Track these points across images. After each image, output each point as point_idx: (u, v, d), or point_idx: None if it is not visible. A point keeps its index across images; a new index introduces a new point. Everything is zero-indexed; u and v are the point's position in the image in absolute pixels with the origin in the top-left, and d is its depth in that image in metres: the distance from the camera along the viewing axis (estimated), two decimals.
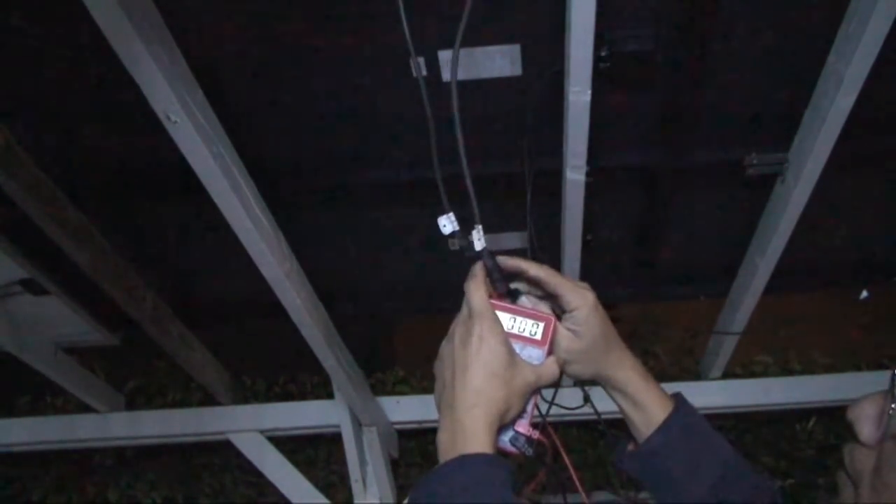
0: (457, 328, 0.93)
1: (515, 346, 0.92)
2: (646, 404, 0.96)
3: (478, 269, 0.95)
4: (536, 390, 0.93)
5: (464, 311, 0.94)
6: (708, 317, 2.56)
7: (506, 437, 0.92)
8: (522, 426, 0.92)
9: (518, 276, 0.98)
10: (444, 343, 0.94)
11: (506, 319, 0.94)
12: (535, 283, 0.98)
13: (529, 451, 0.93)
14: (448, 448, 0.85)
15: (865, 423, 0.76)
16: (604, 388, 1.00)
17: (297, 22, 1.56)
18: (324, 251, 2.19)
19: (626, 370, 0.98)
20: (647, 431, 0.96)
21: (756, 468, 0.99)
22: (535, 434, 0.93)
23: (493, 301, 0.94)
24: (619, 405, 0.99)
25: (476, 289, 0.93)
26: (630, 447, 1.00)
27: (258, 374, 3.10)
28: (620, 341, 0.98)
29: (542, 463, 0.97)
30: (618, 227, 2.15)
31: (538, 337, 0.94)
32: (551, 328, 0.94)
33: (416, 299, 2.49)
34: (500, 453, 0.92)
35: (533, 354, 0.93)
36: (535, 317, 0.95)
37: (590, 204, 1.84)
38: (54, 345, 2.55)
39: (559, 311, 0.98)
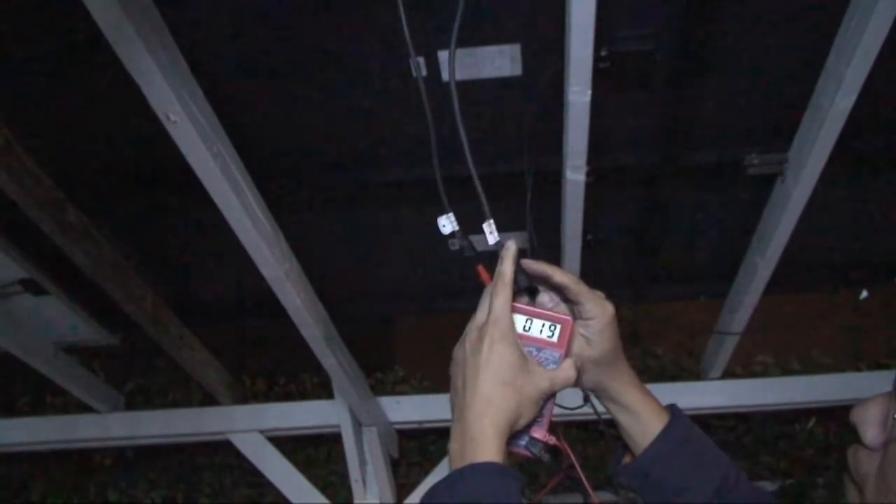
0: (470, 332, 0.91)
1: (531, 349, 0.91)
2: (643, 415, 0.96)
3: (507, 267, 0.91)
4: (551, 395, 0.91)
5: (478, 314, 0.92)
6: (708, 317, 2.57)
7: (521, 442, 0.90)
8: (539, 431, 0.90)
9: (542, 280, 0.97)
10: (457, 346, 0.93)
11: (521, 321, 0.92)
12: (557, 288, 0.97)
13: (546, 457, 0.91)
14: (458, 457, 0.84)
15: (870, 426, 0.75)
16: (599, 399, 0.99)
17: (297, 22, 1.56)
18: (324, 251, 2.19)
19: (625, 382, 0.97)
20: (644, 442, 0.95)
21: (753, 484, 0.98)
22: (552, 439, 0.91)
23: (512, 303, 0.92)
24: (615, 417, 0.98)
25: (502, 290, 0.90)
26: (626, 459, 0.99)
27: (258, 374, 3.10)
28: (624, 355, 0.98)
29: (556, 467, 0.96)
30: (618, 227, 2.15)
31: (555, 339, 0.92)
32: (568, 330, 0.92)
33: (415, 299, 2.49)
34: (515, 457, 0.91)
35: (549, 357, 0.91)
36: (552, 318, 0.93)
37: (590, 204, 1.84)
38: (54, 345, 2.55)
39: (576, 316, 0.97)
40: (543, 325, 0.93)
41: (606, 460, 3.04)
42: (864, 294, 2.66)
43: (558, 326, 0.92)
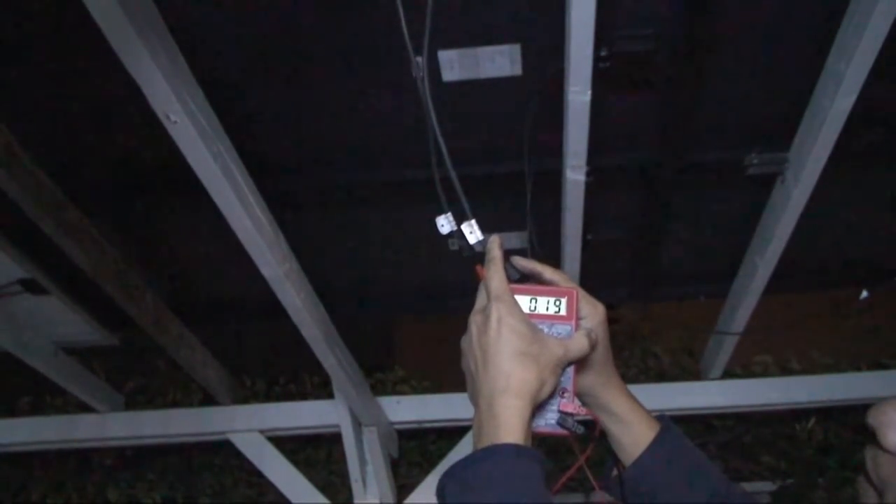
0: (473, 318, 0.90)
1: (542, 327, 0.89)
2: (634, 424, 0.95)
3: (496, 252, 0.92)
4: (568, 365, 0.89)
5: (479, 300, 0.91)
6: (708, 317, 2.57)
7: (552, 420, 0.88)
8: (567, 405, 0.88)
9: (533, 277, 0.97)
10: (463, 338, 0.91)
11: (526, 301, 0.91)
12: (548, 285, 0.97)
13: (581, 430, 0.89)
14: (478, 437, 0.83)
15: (890, 430, 0.73)
16: (589, 408, 0.97)
17: (298, 22, 1.56)
18: (324, 251, 2.19)
19: (615, 389, 0.96)
20: (635, 452, 0.94)
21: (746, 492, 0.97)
22: (584, 410, 0.89)
23: (511, 285, 0.91)
24: (606, 427, 0.97)
25: (496, 272, 0.90)
26: (614, 473, 0.98)
27: (258, 374, 3.10)
28: (614, 364, 0.97)
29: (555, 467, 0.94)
30: (618, 227, 2.15)
31: (563, 313, 0.91)
32: (574, 301, 0.91)
33: (415, 299, 2.49)
34: (548, 437, 0.89)
35: (561, 331, 0.90)
36: (555, 293, 0.92)
37: (590, 204, 1.84)
38: (54, 345, 2.55)
39: None
40: (549, 301, 0.92)
41: (605, 460, 3.04)
42: (864, 294, 2.65)
43: (563, 299, 0.92)
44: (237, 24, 1.56)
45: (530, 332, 0.87)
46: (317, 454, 3.19)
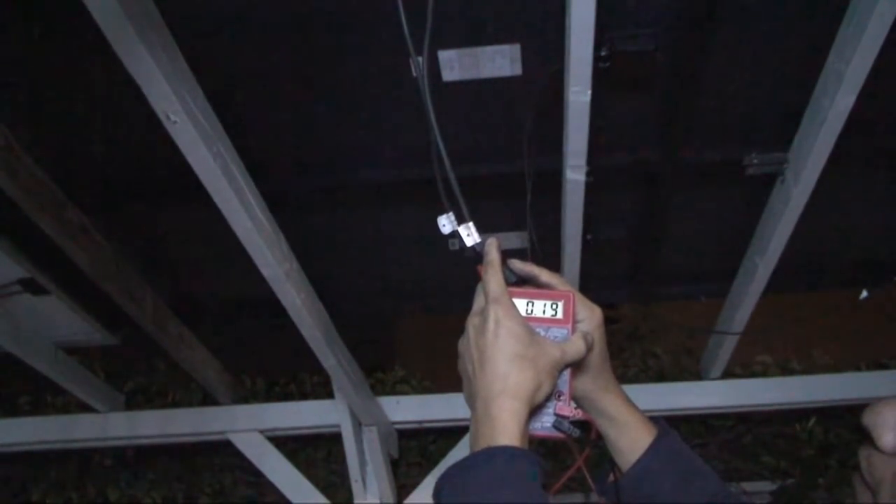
0: (471, 321, 0.90)
1: (539, 330, 0.90)
2: (631, 429, 0.95)
3: (494, 255, 0.92)
4: (565, 368, 0.89)
5: (477, 302, 0.92)
6: (708, 317, 2.56)
7: (548, 423, 0.89)
8: (563, 408, 0.89)
9: (530, 280, 0.97)
10: (461, 339, 0.92)
11: (523, 305, 0.91)
12: (545, 288, 0.97)
13: (576, 433, 0.89)
14: (474, 440, 0.83)
15: (884, 430, 0.74)
16: (586, 411, 0.98)
17: (298, 22, 1.56)
18: (324, 251, 2.19)
19: (612, 393, 0.96)
20: (632, 456, 0.94)
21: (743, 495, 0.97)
22: (580, 413, 0.90)
23: (508, 288, 0.91)
24: (603, 431, 0.97)
25: (493, 274, 0.90)
26: (611, 478, 0.98)
27: (258, 374, 3.10)
28: (611, 368, 0.97)
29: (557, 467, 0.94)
30: (618, 227, 2.15)
31: (560, 316, 0.91)
32: (571, 305, 0.92)
33: (416, 299, 2.49)
34: (544, 441, 0.90)
35: (558, 334, 0.90)
36: (552, 296, 0.92)
37: (590, 204, 1.84)
38: (54, 345, 2.55)
39: None
40: (545, 305, 0.92)
41: (604, 460, 3.04)
42: (864, 294, 2.65)
43: (560, 303, 0.92)
44: (238, 25, 1.56)
45: (527, 334, 0.87)
46: (317, 454, 3.19)
